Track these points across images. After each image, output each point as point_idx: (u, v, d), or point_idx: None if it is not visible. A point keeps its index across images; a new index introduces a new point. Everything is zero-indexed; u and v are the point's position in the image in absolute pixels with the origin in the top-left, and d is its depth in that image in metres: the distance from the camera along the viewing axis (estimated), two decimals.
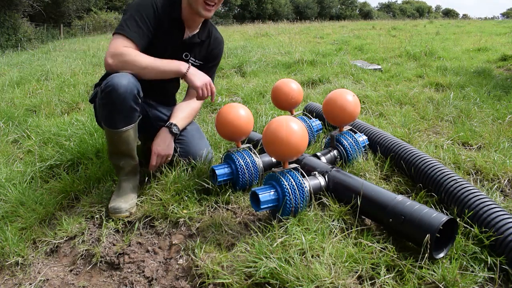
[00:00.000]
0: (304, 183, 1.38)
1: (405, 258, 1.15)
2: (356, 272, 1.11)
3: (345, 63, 5.00)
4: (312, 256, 1.15)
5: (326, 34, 11.68)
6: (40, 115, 3.04)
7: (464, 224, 1.25)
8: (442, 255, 1.15)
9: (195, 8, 1.62)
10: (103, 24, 22.55)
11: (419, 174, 1.57)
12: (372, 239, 1.25)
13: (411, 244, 1.22)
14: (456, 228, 1.17)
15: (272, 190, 1.36)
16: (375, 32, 12.53)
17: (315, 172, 1.55)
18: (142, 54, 1.54)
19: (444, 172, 1.47)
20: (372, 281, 1.10)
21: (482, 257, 1.15)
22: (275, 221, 1.32)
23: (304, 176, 1.46)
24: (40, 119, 2.84)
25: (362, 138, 1.85)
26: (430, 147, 1.99)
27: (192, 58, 1.81)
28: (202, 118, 2.77)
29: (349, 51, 6.71)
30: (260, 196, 1.32)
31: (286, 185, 1.34)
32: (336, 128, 1.83)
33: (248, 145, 1.71)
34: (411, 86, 3.75)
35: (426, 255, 1.11)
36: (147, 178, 1.70)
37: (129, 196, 1.58)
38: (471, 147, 2.07)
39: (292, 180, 1.36)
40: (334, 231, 1.30)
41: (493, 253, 1.15)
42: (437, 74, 4.25)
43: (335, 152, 1.77)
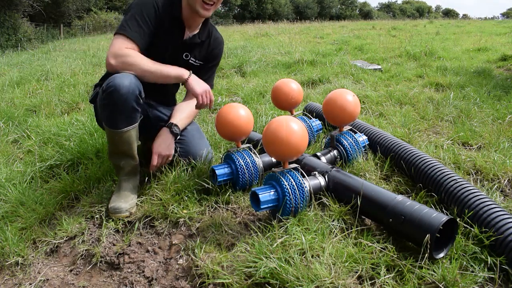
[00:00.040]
0: (304, 183, 1.38)
1: (405, 258, 1.15)
2: (356, 272, 1.11)
3: (345, 63, 5.00)
4: (312, 256, 1.15)
5: (326, 34, 11.68)
6: (40, 115, 3.04)
7: (464, 224, 1.25)
8: (442, 255, 1.15)
9: (193, 7, 1.62)
10: (103, 24, 22.54)
11: (419, 174, 1.57)
12: (372, 239, 1.25)
13: (411, 244, 1.22)
14: (456, 228, 1.17)
15: (272, 190, 1.36)
16: (375, 32, 12.53)
17: (315, 172, 1.55)
18: (145, 57, 1.55)
19: (444, 172, 1.47)
20: (372, 281, 1.10)
21: (482, 257, 1.15)
22: (275, 221, 1.32)
23: (304, 176, 1.46)
24: (40, 119, 2.84)
25: (362, 138, 1.85)
26: (430, 147, 1.99)
27: (192, 58, 1.81)
28: (202, 118, 2.77)
29: (349, 51, 6.71)
30: (260, 196, 1.32)
31: (286, 185, 1.34)
32: (336, 128, 1.83)
33: (248, 145, 1.71)
34: (411, 86, 3.75)
35: (426, 255, 1.11)
36: (147, 178, 1.70)
37: (129, 196, 1.58)
38: (471, 147, 2.07)
39: (292, 180, 1.36)
40: (334, 231, 1.30)
41: (493, 253, 1.15)
42: (437, 74, 4.25)
43: (335, 152, 1.77)
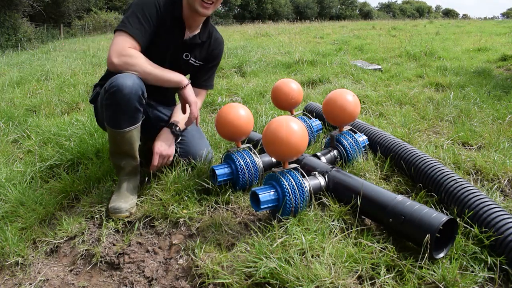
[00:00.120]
0: (304, 183, 1.38)
1: (405, 258, 1.15)
2: (356, 272, 1.11)
3: (345, 63, 4.99)
4: (312, 256, 1.15)
5: (326, 34, 11.68)
6: (40, 115, 3.04)
7: (464, 224, 1.25)
8: (442, 255, 1.15)
9: (193, 6, 1.63)
10: (103, 24, 22.54)
11: (419, 174, 1.57)
12: (372, 239, 1.25)
13: (411, 244, 1.22)
14: (456, 228, 1.17)
15: (272, 190, 1.36)
16: (375, 32, 12.53)
17: (315, 172, 1.55)
18: (147, 60, 1.56)
19: (444, 172, 1.47)
20: (372, 281, 1.10)
21: (482, 257, 1.15)
22: (275, 221, 1.32)
23: (304, 176, 1.46)
24: (40, 119, 2.84)
25: (362, 138, 1.85)
26: (430, 147, 1.99)
27: (192, 59, 1.81)
28: (202, 118, 2.77)
29: (349, 51, 6.71)
30: (260, 196, 1.32)
31: (286, 185, 1.34)
32: (336, 128, 1.83)
33: (248, 145, 1.71)
34: (411, 86, 3.75)
35: (426, 255, 1.11)
36: (147, 178, 1.70)
37: (129, 196, 1.58)
38: (471, 147, 2.07)
39: (292, 180, 1.36)
40: (334, 231, 1.30)
41: (493, 253, 1.15)
42: (437, 74, 4.25)
43: (335, 152, 1.77)
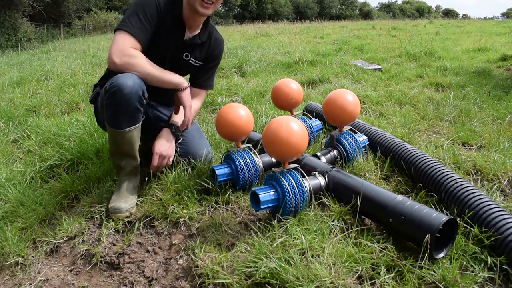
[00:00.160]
0: (304, 183, 1.38)
1: (405, 258, 1.15)
2: (356, 272, 1.11)
3: (345, 63, 4.99)
4: (312, 256, 1.15)
5: (326, 34, 11.68)
6: (40, 115, 3.04)
7: (464, 224, 1.25)
8: (442, 255, 1.15)
9: (193, 5, 1.63)
10: (103, 24, 22.54)
11: (419, 174, 1.57)
12: (372, 239, 1.25)
13: (411, 244, 1.22)
14: (456, 228, 1.17)
15: (272, 190, 1.36)
16: (375, 32, 12.53)
17: (315, 172, 1.55)
18: (149, 60, 1.56)
19: (444, 172, 1.47)
20: (372, 281, 1.10)
21: (482, 257, 1.15)
22: (275, 221, 1.32)
23: (304, 176, 1.46)
24: (40, 119, 2.84)
25: (362, 138, 1.85)
26: (430, 147, 1.99)
27: (192, 59, 1.81)
28: (202, 118, 2.77)
29: (349, 51, 6.71)
30: (260, 196, 1.32)
31: (286, 185, 1.34)
32: (336, 128, 1.83)
33: (248, 145, 1.71)
34: (411, 86, 3.75)
35: (426, 255, 1.11)
36: (147, 178, 1.70)
37: (129, 196, 1.58)
38: (471, 147, 2.07)
39: (292, 180, 1.36)
40: (334, 231, 1.30)
41: (493, 253, 1.15)
42: (437, 74, 4.25)
43: (335, 152, 1.77)
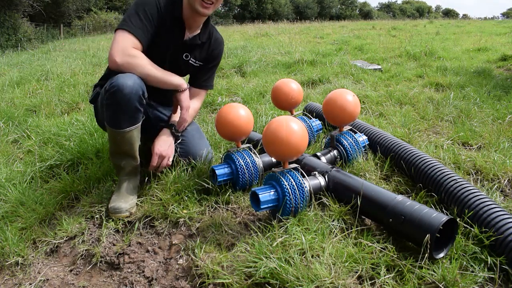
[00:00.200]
0: (304, 183, 1.38)
1: (405, 258, 1.15)
2: (356, 272, 1.11)
3: (345, 63, 4.99)
4: (312, 256, 1.15)
5: (326, 34, 11.68)
6: (40, 115, 3.04)
7: (464, 224, 1.25)
8: (442, 255, 1.15)
9: (193, 5, 1.63)
10: (103, 24, 22.54)
11: (419, 174, 1.57)
12: (372, 239, 1.25)
13: (411, 244, 1.22)
14: (456, 228, 1.17)
15: (272, 190, 1.36)
16: (375, 32, 12.53)
17: (315, 172, 1.55)
18: (150, 61, 1.57)
19: (444, 172, 1.47)
20: (372, 281, 1.10)
21: (482, 257, 1.15)
22: (275, 221, 1.32)
23: (304, 176, 1.46)
24: (40, 119, 2.84)
25: (362, 138, 1.85)
26: (430, 147, 1.99)
27: (192, 59, 1.81)
28: (202, 118, 2.77)
29: (349, 51, 6.71)
30: (260, 196, 1.32)
31: (286, 185, 1.34)
32: (336, 128, 1.83)
33: (248, 145, 1.71)
34: (411, 86, 3.75)
35: (426, 255, 1.11)
36: (147, 178, 1.70)
37: (129, 196, 1.58)
38: (471, 147, 2.07)
39: (292, 180, 1.36)
40: (334, 231, 1.30)
41: (493, 253, 1.15)
42: (437, 74, 4.25)
43: (335, 152, 1.77)
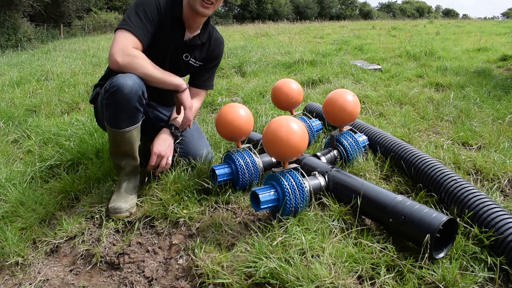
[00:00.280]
0: (304, 183, 1.38)
1: (405, 258, 1.15)
2: (356, 272, 1.11)
3: (345, 63, 5.00)
4: (312, 256, 1.15)
5: (326, 34, 11.68)
6: (40, 115, 3.04)
7: (464, 224, 1.25)
8: (442, 255, 1.15)
9: (193, 5, 1.63)
10: (103, 24, 22.53)
11: (419, 174, 1.57)
12: (372, 239, 1.25)
13: (411, 244, 1.22)
14: (456, 228, 1.17)
15: (272, 190, 1.36)
16: (375, 32, 12.52)
17: (315, 172, 1.55)
18: (150, 61, 1.57)
19: (444, 172, 1.47)
20: (372, 281, 1.10)
21: (482, 257, 1.15)
22: (275, 221, 1.32)
23: (304, 176, 1.46)
24: (40, 119, 2.84)
25: (362, 138, 1.85)
26: (430, 147, 1.99)
27: (192, 59, 1.81)
28: (202, 118, 2.77)
29: (349, 51, 6.71)
30: (260, 196, 1.32)
31: (286, 185, 1.34)
32: (336, 128, 1.83)
33: (248, 145, 1.71)
34: (411, 86, 3.75)
35: (426, 255, 1.11)
36: (147, 178, 1.70)
37: (129, 196, 1.58)
38: (471, 147, 2.07)
39: (292, 180, 1.36)
40: (334, 231, 1.30)
41: (493, 253, 1.15)
42: (437, 74, 4.25)
43: (335, 152, 1.77)
